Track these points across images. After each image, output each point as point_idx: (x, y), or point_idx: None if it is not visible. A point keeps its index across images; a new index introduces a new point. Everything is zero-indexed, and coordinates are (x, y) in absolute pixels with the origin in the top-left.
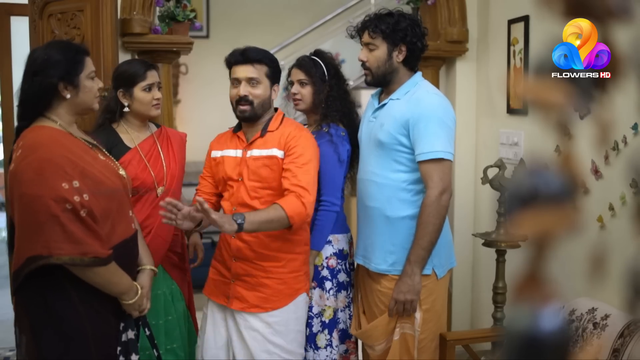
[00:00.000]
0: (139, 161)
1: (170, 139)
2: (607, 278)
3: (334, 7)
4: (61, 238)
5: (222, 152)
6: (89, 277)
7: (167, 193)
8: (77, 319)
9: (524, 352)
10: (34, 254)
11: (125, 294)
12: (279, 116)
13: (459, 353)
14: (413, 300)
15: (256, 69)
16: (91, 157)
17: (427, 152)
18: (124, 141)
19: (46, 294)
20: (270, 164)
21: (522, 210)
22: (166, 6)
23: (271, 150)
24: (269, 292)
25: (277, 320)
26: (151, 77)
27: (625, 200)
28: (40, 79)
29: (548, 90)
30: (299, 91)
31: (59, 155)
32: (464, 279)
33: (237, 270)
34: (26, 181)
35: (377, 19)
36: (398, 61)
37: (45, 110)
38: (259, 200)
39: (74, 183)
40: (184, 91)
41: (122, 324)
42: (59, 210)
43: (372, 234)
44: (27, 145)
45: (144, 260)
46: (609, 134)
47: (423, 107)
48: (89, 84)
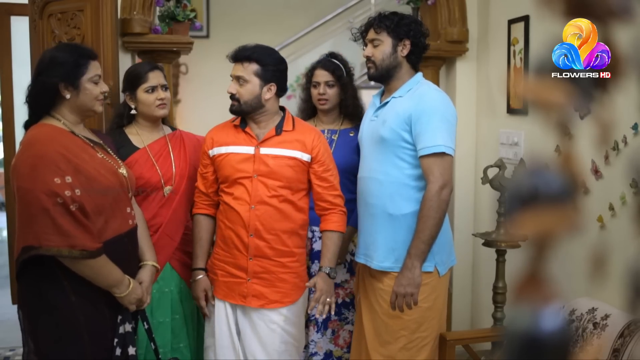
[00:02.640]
0: (145, 161)
1: (184, 141)
2: (608, 278)
3: (334, 7)
4: (51, 230)
5: (226, 149)
6: (78, 268)
7: (175, 193)
8: (69, 308)
9: (524, 352)
10: (27, 244)
11: (116, 287)
12: (289, 116)
13: (459, 353)
14: (413, 294)
15: (244, 67)
16: (88, 154)
17: (429, 146)
18: (132, 142)
19: (40, 283)
20: (294, 165)
21: (522, 210)
22: (166, 6)
23: (293, 151)
24: (288, 287)
25: (293, 312)
26: (153, 79)
27: (625, 200)
28: (43, 78)
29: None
30: (326, 92)
31: (53, 151)
32: (464, 278)
33: (255, 268)
34: (22, 175)
35: (381, 17)
36: (402, 55)
37: (51, 109)
38: (277, 199)
39: (67, 178)
40: (184, 91)
41: (119, 316)
42: (49, 203)
43: (374, 232)
44: (26, 141)
45: (146, 256)
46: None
47: (425, 103)
48: (90, 87)
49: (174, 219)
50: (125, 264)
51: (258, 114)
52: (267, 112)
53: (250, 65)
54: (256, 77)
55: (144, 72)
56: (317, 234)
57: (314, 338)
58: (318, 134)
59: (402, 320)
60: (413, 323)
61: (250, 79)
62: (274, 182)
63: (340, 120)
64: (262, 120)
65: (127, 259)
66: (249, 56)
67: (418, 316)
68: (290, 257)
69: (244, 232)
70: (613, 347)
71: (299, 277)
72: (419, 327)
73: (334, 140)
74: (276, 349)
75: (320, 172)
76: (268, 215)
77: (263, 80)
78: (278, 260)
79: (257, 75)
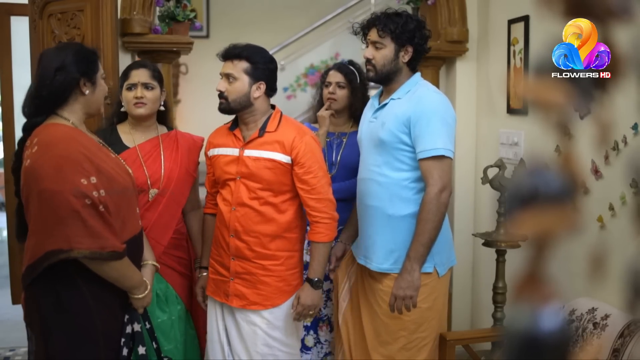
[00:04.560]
0: (133, 161)
1: (179, 142)
2: (607, 278)
3: (334, 7)
4: (82, 232)
5: (218, 150)
6: (105, 271)
7: (162, 196)
8: (87, 313)
9: (524, 352)
10: (54, 247)
11: (137, 289)
12: (276, 115)
13: (459, 353)
14: (412, 296)
15: (234, 64)
16: (104, 154)
17: (428, 149)
18: (122, 140)
19: (58, 288)
20: (273, 167)
21: (522, 210)
22: (166, 6)
23: (273, 153)
24: (268, 290)
25: (277, 316)
26: (135, 76)
27: (625, 200)
28: (63, 74)
29: (548, 90)
30: (336, 92)
31: (76, 151)
32: (464, 278)
33: (236, 268)
34: (45, 177)
35: (386, 17)
36: (403, 61)
37: (60, 107)
38: (259, 201)
39: (92, 179)
40: (184, 91)
41: (126, 316)
42: (79, 205)
43: (373, 234)
44: (44, 142)
45: (146, 255)
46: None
47: (424, 105)
48: (102, 83)
49: (159, 222)
50: (138, 264)
51: (247, 114)
52: (255, 111)
53: (240, 63)
54: (245, 75)
55: (129, 69)
56: None
57: (328, 338)
58: (300, 135)
59: (402, 320)
60: (412, 323)
61: (239, 77)
62: (254, 185)
63: (350, 124)
64: (250, 121)
65: (139, 260)
66: (239, 54)
67: (417, 317)
68: (273, 261)
69: (226, 232)
70: (613, 347)
71: (284, 281)
72: (419, 328)
73: (343, 142)
74: (258, 350)
75: (301, 174)
76: (247, 217)
77: (252, 79)
78: (259, 263)
79: (246, 73)
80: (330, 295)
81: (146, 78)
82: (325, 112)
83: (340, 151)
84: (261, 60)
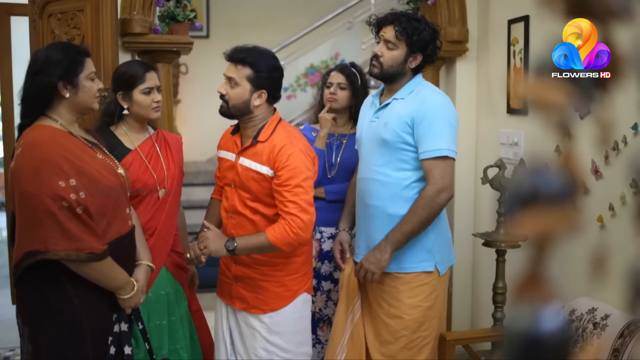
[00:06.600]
0: (140, 163)
1: (168, 141)
2: (607, 278)
3: (334, 7)
4: (58, 234)
5: (222, 153)
6: (85, 272)
7: (168, 195)
8: (73, 312)
9: (524, 352)
10: (32, 249)
11: (122, 289)
12: (272, 123)
13: (459, 353)
14: (374, 273)
15: (237, 69)
16: (89, 156)
17: (432, 149)
18: (123, 143)
19: (43, 288)
20: (259, 180)
21: (522, 210)
22: (166, 6)
23: (260, 166)
24: (267, 295)
25: (276, 321)
26: (150, 80)
27: (625, 200)
28: (40, 78)
29: (548, 90)
30: (337, 93)
31: (57, 154)
32: (464, 278)
33: (237, 272)
34: (24, 179)
35: (407, 21)
36: (410, 67)
37: (47, 109)
38: (250, 211)
39: (71, 181)
40: (184, 91)
41: (114, 315)
42: (55, 207)
43: (374, 233)
44: (27, 143)
45: (141, 255)
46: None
47: (428, 106)
48: (88, 84)
49: (167, 221)
50: (126, 265)
51: (246, 120)
52: (254, 118)
53: (243, 69)
54: (247, 82)
55: (141, 72)
56: (325, 234)
57: (328, 338)
58: (288, 146)
59: (403, 320)
60: (414, 323)
61: (241, 83)
62: (245, 194)
63: (350, 125)
64: (249, 127)
65: (127, 260)
66: (243, 59)
67: (419, 316)
68: (271, 267)
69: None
70: (613, 347)
71: (284, 286)
72: (420, 327)
73: (343, 143)
74: (257, 353)
75: (276, 185)
76: (241, 225)
77: (254, 86)
78: (257, 268)
79: (248, 80)
80: (330, 295)
81: (158, 81)
82: (328, 115)
83: (340, 152)
84: (265, 68)
